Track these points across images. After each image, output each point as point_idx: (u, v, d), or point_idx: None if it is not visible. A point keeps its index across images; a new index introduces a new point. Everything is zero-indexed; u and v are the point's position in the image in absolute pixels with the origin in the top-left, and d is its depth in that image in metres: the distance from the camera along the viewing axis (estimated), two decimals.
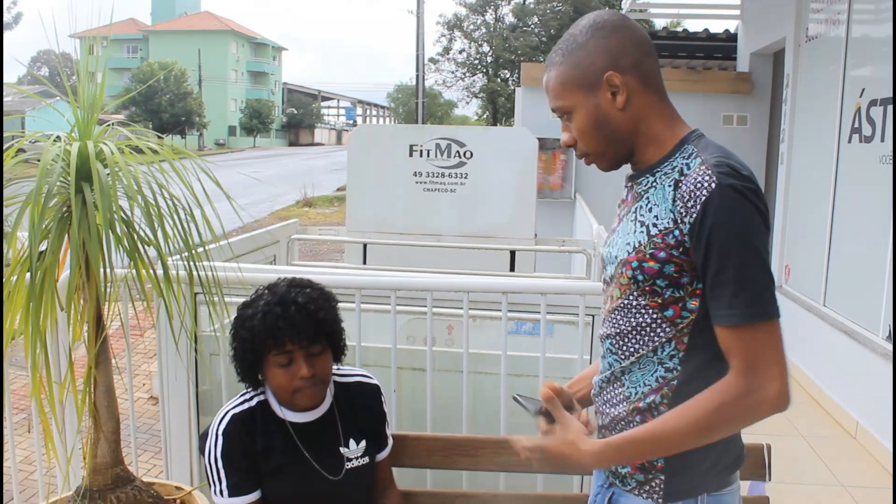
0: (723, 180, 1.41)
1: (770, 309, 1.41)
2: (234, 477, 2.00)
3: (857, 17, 5.42)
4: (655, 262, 1.48)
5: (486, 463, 2.32)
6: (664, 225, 1.47)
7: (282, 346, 1.95)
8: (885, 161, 4.70)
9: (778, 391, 1.40)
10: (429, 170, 5.73)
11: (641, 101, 1.55)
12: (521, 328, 3.54)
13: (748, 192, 1.41)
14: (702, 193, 1.41)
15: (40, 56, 67.64)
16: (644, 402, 1.56)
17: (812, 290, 5.97)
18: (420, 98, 24.40)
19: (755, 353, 1.41)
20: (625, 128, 1.56)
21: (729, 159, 1.46)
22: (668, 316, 1.51)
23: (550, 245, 5.81)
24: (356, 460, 2.11)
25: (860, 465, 4.46)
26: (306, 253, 11.96)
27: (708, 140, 1.55)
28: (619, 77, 1.52)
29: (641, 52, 1.55)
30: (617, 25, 1.55)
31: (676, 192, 1.46)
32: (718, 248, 1.40)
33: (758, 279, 1.41)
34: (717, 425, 1.43)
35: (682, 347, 1.52)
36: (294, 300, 1.96)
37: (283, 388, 2.01)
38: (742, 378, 1.41)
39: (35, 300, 1.94)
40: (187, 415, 2.98)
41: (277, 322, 1.93)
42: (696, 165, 1.46)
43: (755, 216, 1.42)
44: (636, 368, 1.58)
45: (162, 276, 2.11)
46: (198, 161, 2.17)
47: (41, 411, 2.16)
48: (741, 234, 1.40)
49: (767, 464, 2.16)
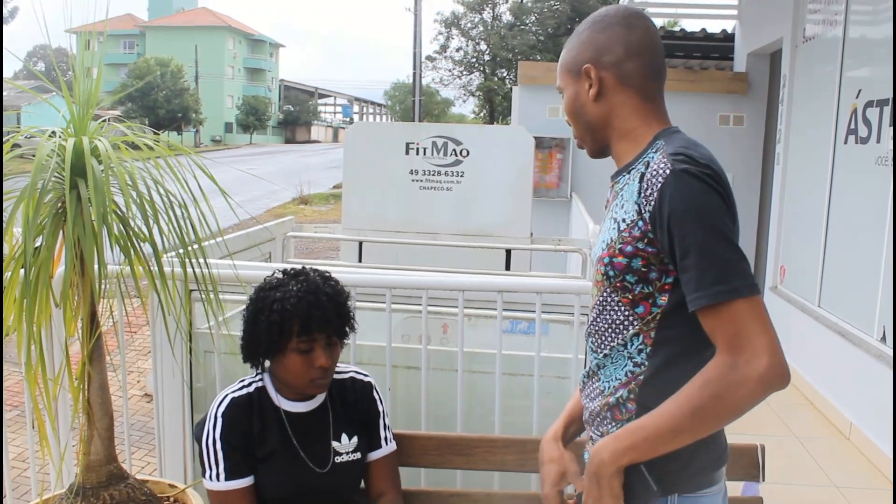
0: (676, 166, 1.42)
1: (740, 285, 1.38)
2: (232, 459, 2.01)
3: (854, 19, 5.42)
4: (623, 257, 1.50)
5: (481, 462, 2.32)
6: (631, 218, 1.49)
7: (309, 332, 1.99)
8: (880, 162, 4.70)
9: (767, 364, 1.34)
10: (425, 168, 5.73)
11: (616, 98, 1.61)
12: (517, 327, 3.54)
13: (703, 175, 1.42)
14: (658, 181, 1.44)
15: (36, 51, 67.51)
16: (613, 398, 1.57)
17: (807, 290, 5.98)
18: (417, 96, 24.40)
19: (735, 329, 1.37)
20: (596, 119, 1.63)
21: (689, 149, 1.48)
22: (640, 313, 1.52)
23: (546, 244, 5.81)
24: (346, 455, 2.12)
25: (854, 466, 4.47)
26: (302, 250, 11.96)
27: (680, 135, 1.57)
28: (594, 71, 1.60)
29: (628, 52, 1.59)
30: (612, 22, 1.61)
31: (640, 184, 1.48)
32: (678, 233, 1.41)
33: (721, 257, 1.39)
34: (705, 405, 1.38)
35: (650, 342, 1.52)
36: (325, 291, 2.03)
37: (298, 375, 2.03)
38: (726, 356, 1.37)
39: (29, 296, 1.94)
40: (181, 412, 2.98)
41: (311, 309, 1.98)
42: (657, 157, 1.49)
43: (712, 197, 1.41)
44: (609, 363, 1.59)
45: (157, 273, 2.11)
46: (193, 157, 2.16)
47: (35, 408, 2.16)
48: (698, 216, 1.39)
49: (761, 465, 2.16)
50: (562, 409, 1.90)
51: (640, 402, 1.53)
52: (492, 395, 2.81)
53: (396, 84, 53.71)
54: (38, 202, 1.93)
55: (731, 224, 1.43)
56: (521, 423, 2.86)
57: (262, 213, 18.61)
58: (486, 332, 3.10)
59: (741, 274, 1.39)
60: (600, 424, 1.61)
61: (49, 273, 1.99)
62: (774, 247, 6.92)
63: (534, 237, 5.92)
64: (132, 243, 2.09)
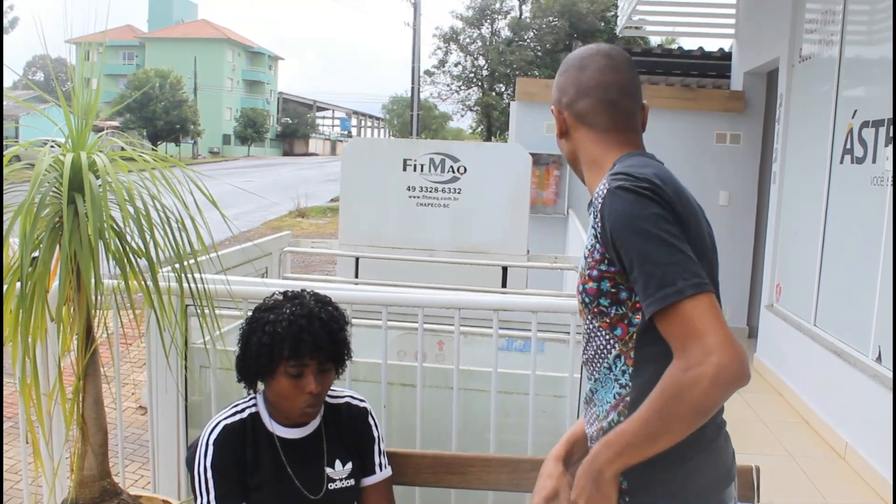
0: (612, 184, 1.48)
1: (683, 286, 1.37)
2: (223, 488, 1.99)
3: (850, 39, 5.45)
4: (592, 282, 1.54)
5: (475, 481, 2.31)
6: (591, 243, 1.55)
7: (299, 357, 1.97)
8: (876, 182, 4.72)
9: (716, 363, 1.33)
10: (422, 184, 5.74)
11: (576, 134, 1.72)
12: (512, 345, 3.54)
13: (637, 188, 1.45)
14: (599, 202, 1.50)
15: (36, 61, 67.60)
16: (606, 421, 1.60)
17: (803, 309, 5.99)
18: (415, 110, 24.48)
19: (684, 330, 1.37)
20: (567, 154, 1.78)
21: (632, 167, 1.52)
22: (618, 335, 1.55)
23: (543, 262, 5.81)
24: (340, 482, 2.10)
25: (849, 486, 4.46)
26: (298, 265, 11.95)
27: (635, 158, 1.61)
28: (556, 112, 1.75)
29: (578, 92, 1.70)
30: (569, 66, 1.73)
31: (591, 208, 1.56)
32: (622, 247, 1.44)
33: (662, 261, 1.39)
34: (667, 407, 1.38)
35: (630, 363, 1.55)
36: (319, 316, 2.01)
37: (286, 399, 2.01)
38: (678, 358, 1.38)
39: (25, 310, 1.93)
40: (176, 427, 2.97)
41: (301, 333, 1.96)
42: (603, 181, 1.54)
43: (645, 205, 1.43)
44: (600, 388, 1.63)
45: (152, 288, 2.11)
46: (188, 171, 2.17)
47: (28, 421, 2.15)
48: (632, 226, 1.43)
49: (756, 486, 2.16)
50: (557, 427, 1.91)
51: None
52: (487, 413, 2.80)
53: (395, 98, 53.85)
54: (36, 216, 1.93)
55: (672, 227, 1.43)
56: (517, 441, 2.86)
57: (259, 226, 18.61)
58: (481, 350, 3.10)
59: (685, 275, 1.39)
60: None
61: (45, 287, 1.99)
62: (770, 265, 6.92)
63: (530, 254, 5.93)
64: (129, 258, 2.09)
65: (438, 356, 3.56)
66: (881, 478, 4.28)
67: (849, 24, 5.46)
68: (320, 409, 2.10)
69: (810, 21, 6.28)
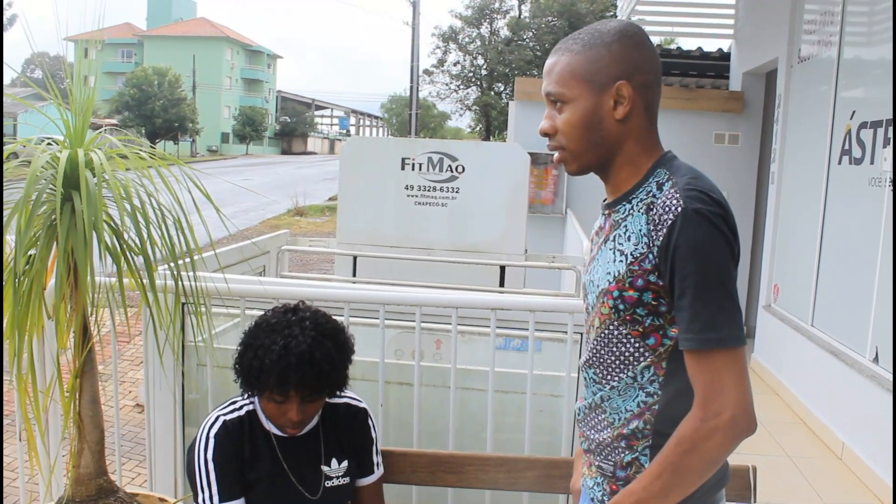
0: (689, 204, 1.41)
1: (726, 336, 1.39)
2: (225, 481, 1.99)
3: (848, 40, 5.46)
4: (634, 291, 1.48)
5: (472, 480, 2.31)
6: (640, 251, 1.47)
7: (284, 391, 1.93)
8: (874, 183, 4.72)
9: (731, 417, 1.38)
10: (420, 183, 5.73)
11: (636, 122, 1.54)
12: (510, 344, 3.53)
13: (714, 216, 1.41)
14: (668, 217, 1.42)
15: (34, 58, 67.46)
16: (628, 429, 1.56)
17: (800, 309, 5.99)
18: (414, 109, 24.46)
19: (710, 381, 1.40)
20: (613, 138, 1.54)
21: (699, 182, 1.46)
22: (651, 344, 1.51)
23: (540, 261, 5.81)
24: (336, 479, 2.10)
25: (846, 487, 4.47)
26: (296, 263, 11.94)
27: (680, 162, 1.55)
28: (628, 89, 1.51)
29: (655, 77, 1.55)
30: (645, 42, 1.55)
31: (648, 216, 1.47)
32: (679, 273, 1.41)
33: (714, 304, 1.40)
34: (683, 462, 1.42)
35: (662, 372, 1.52)
36: (312, 356, 1.92)
37: (271, 416, 2.03)
38: (699, 409, 1.41)
39: (21, 307, 1.93)
40: (173, 425, 2.96)
41: (288, 370, 1.90)
42: (667, 189, 1.47)
43: (718, 242, 1.41)
44: (616, 395, 1.57)
45: (149, 286, 2.10)
46: (185, 169, 2.16)
47: (25, 419, 2.14)
48: (701, 260, 1.39)
49: (753, 486, 2.16)
50: (554, 426, 1.90)
51: (656, 431, 1.52)
52: (484, 413, 2.80)
53: (393, 97, 53.89)
54: (31, 214, 1.93)
55: (732, 270, 1.43)
56: (514, 440, 2.86)
57: (258, 224, 18.58)
58: (479, 349, 3.10)
59: (731, 325, 1.40)
60: (610, 454, 1.60)
61: (42, 285, 1.99)
62: (768, 265, 6.93)
63: (528, 253, 5.92)
64: (125, 256, 2.09)
65: (436, 355, 3.55)
66: (878, 478, 4.28)
67: (847, 26, 5.46)
68: (309, 424, 2.10)
69: (809, 22, 6.29)
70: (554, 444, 2.86)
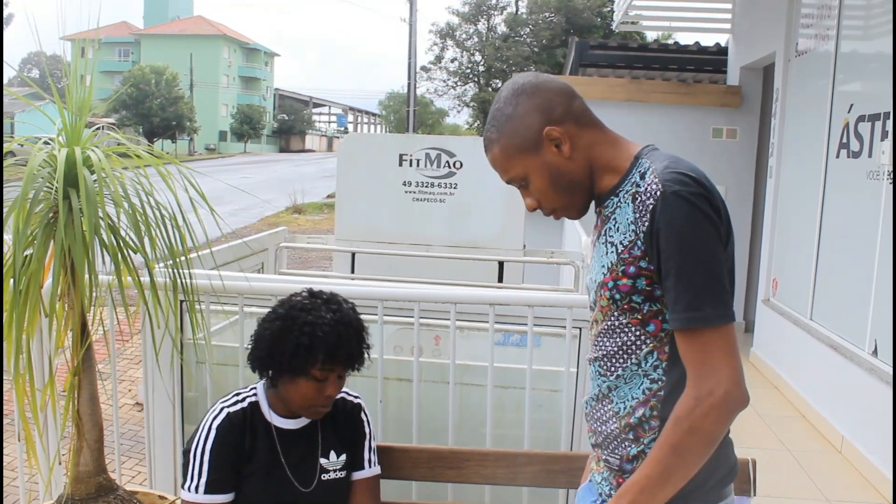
0: (668, 187, 1.44)
1: (710, 314, 1.41)
2: (217, 474, 1.99)
3: (846, 34, 5.45)
4: (628, 279, 1.51)
5: (472, 475, 2.31)
6: (629, 239, 1.50)
7: (332, 363, 1.98)
8: (872, 177, 4.72)
9: (724, 393, 1.40)
10: (418, 179, 5.73)
11: (584, 141, 1.59)
12: (509, 339, 3.54)
13: (694, 196, 1.43)
14: (650, 202, 1.46)
15: (31, 58, 67.47)
16: (634, 417, 1.57)
17: (799, 303, 6.00)
18: (411, 106, 24.44)
19: (700, 360, 1.43)
20: (579, 172, 1.60)
21: (678, 164, 1.49)
22: (651, 331, 1.53)
23: (539, 256, 5.81)
24: (333, 472, 2.11)
25: (845, 480, 4.47)
26: (294, 260, 11.93)
27: (660, 152, 1.58)
28: (556, 129, 1.57)
29: (566, 97, 1.60)
30: (535, 84, 1.60)
31: (634, 204, 1.50)
32: (663, 255, 1.44)
33: (698, 283, 1.42)
34: (682, 441, 1.43)
35: (664, 357, 1.54)
36: (356, 326, 2.03)
37: (305, 399, 2.01)
38: (692, 388, 1.43)
39: (18, 306, 1.93)
40: (172, 423, 2.96)
41: (340, 341, 1.97)
42: (648, 175, 1.50)
43: (699, 222, 1.43)
44: (622, 384, 1.59)
45: (148, 284, 2.10)
46: (181, 168, 2.16)
47: (23, 418, 2.14)
48: (681, 241, 1.42)
49: (752, 479, 2.16)
50: (553, 421, 1.90)
51: (662, 418, 1.53)
52: (483, 408, 2.80)
53: (391, 94, 53.77)
54: (29, 212, 1.93)
55: (715, 248, 1.44)
56: (513, 435, 2.86)
57: (256, 222, 18.57)
58: (478, 345, 3.10)
59: (715, 303, 1.42)
60: (618, 447, 1.61)
61: (39, 283, 1.98)
62: (767, 259, 6.93)
63: (526, 249, 5.93)
64: (123, 254, 2.08)
65: (435, 351, 3.56)
66: (877, 470, 4.29)
67: (845, 19, 5.45)
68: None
69: (806, 16, 6.28)
70: (553, 438, 2.86)
